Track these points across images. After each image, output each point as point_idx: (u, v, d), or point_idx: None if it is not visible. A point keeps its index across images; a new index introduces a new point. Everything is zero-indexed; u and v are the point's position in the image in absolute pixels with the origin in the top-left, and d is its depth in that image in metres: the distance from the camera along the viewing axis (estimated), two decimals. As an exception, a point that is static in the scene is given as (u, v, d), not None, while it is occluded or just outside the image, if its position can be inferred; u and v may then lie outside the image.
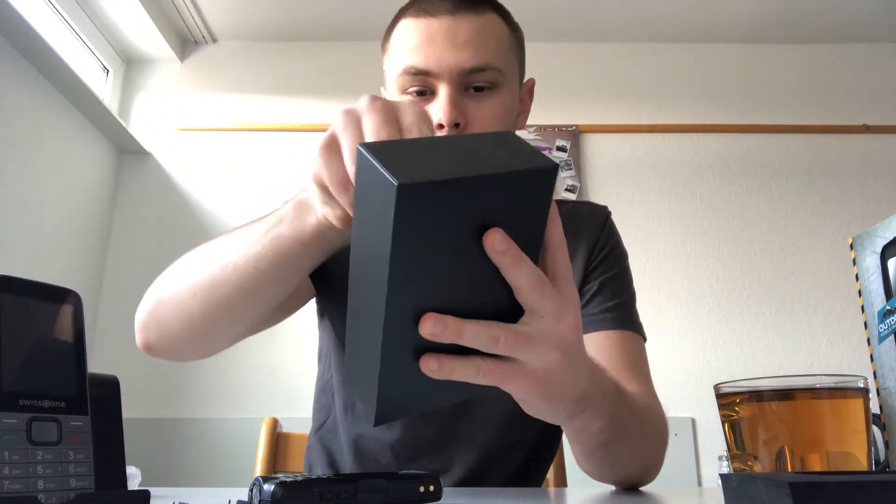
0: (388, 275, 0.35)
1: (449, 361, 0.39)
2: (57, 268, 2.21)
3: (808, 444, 0.50)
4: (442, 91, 0.76)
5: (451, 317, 0.38)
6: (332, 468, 0.88)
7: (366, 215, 0.38)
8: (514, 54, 0.83)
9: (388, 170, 0.33)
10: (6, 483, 0.34)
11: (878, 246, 0.56)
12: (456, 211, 0.35)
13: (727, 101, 2.70)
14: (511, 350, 0.40)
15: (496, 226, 0.37)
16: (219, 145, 2.61)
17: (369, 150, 0.36)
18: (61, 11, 2.28)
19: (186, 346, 0.70)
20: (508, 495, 0.67)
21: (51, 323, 0.38)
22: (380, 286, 0.36)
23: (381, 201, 0.34)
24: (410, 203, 0.33)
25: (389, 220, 0.34)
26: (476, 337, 0.39)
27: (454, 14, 0.77)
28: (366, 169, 0.36)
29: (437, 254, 0.36)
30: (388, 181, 0.33)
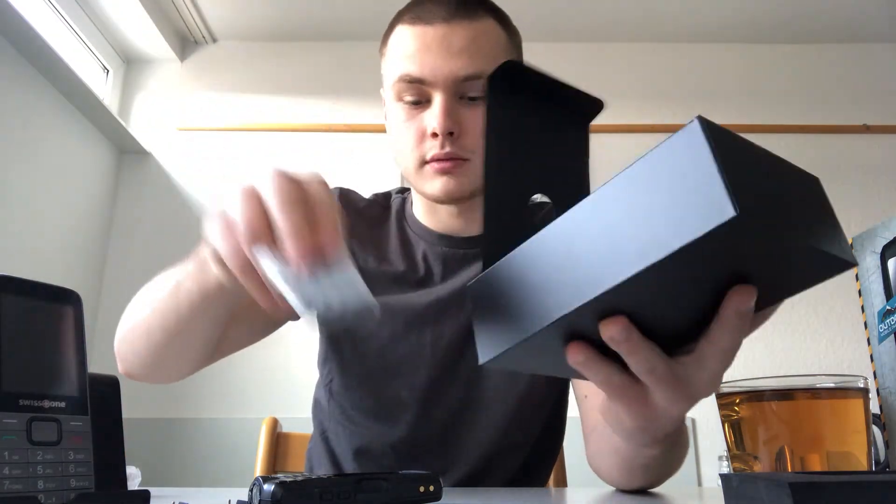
0: (634, 273, 0.31)
1: (594, 361, 0.38)
2: (57, 268, 2.21)
3: (808, 444, 0.50)
4: (437, 99, 0.77)
5: (636, 331, 0.35)
6: (334, 468, 0.88)
7: (648, 189, 0.32)
8: (512, 58, 0.83)
9: (730, 186, 0.28)
10: (6, 483, 0.34)
11: (878, 246, 0.56)
12: (740, 252, 0.31)
13: (727, 101, 2.70)
14: (655, 384, 0.38)
15: (756, 279, 0.33)
16: (219, 145, 2.61)
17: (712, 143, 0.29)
18: (61, 11, 2.28)
19: (155, 375, 0.75)
20: (508, 495, 0.67)
21: (51, 323, 0.38)
22: (610, 274, 0.32)
23: (691, 202, 0.29)
24: (728, 231, 0.28)
25: (691, 232, 0.29)
26: (641, 360, 0.37)
27: (449, 21, 0.77)
28: (690, 150, 0.30)
29: (687, 274, 0.32)
30: (723, 199, 0.28)
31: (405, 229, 0.91)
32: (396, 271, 0.86)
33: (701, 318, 0.36)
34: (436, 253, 0.87)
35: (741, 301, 0.34)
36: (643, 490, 0.73)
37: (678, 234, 0.29)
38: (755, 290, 0.34)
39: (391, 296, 0.84)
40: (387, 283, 0.85)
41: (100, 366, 0.52)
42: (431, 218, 0.89)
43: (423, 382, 0.82)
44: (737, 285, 0.34)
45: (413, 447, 0.83)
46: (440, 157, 0.78)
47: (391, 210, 0.93)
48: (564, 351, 0.38)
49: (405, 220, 0.92)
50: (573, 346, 0.38)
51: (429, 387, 0.82)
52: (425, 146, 0.79)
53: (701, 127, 0.30)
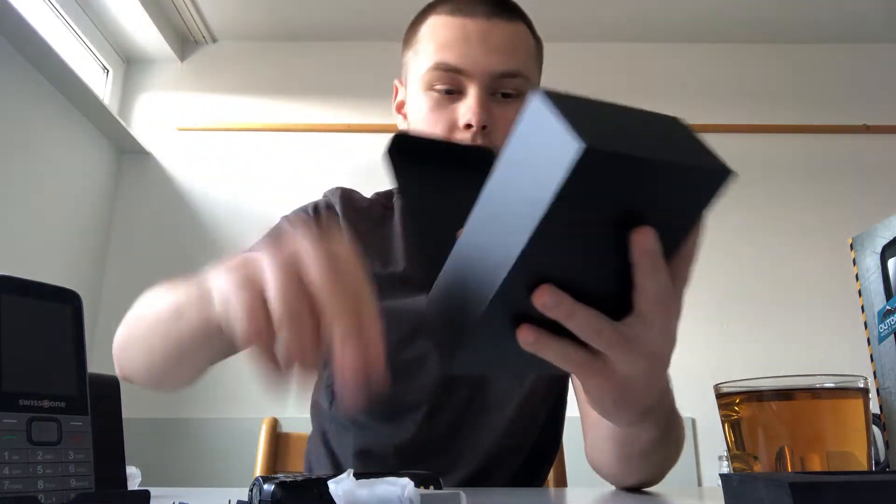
0: (532, 232, 0.33)
1: (545, 338, 0.38)
2: (57, 268, 2.21)
3: (808, 444, 0.50)
4: (472, 91, 0.77)
5: (567, 295, 0.36)
6: (334, 468, 0.88)
7: (520, 162, 0.35)
8: (537, 66, 0.85)
9: (573, 127, 0.31)
10: (6, 483, 0.34)
11: (878, 246, 0.56)
12: (621, 188, 0.33)
13: (727, 101, 2.70)
14: (608, 348, 0.39)
15: (648, 215, 0.35)
16: (219, 145, 2.61)
17: (550, 99, 0.33)
18: (61, 11, 2.28)
19: (153, 384, 0.73)
20: (509, 495, 0.67)
21: (51, 323, 0.38)
22: (515, 240, 0.34)
23: (550, 156, 0.32)
24: (585, 168, 0.31)
25: (557, 178, 0.31)
26: (582, 324, 0.38)
27: (490, 18, 0.78)
28: (538, 117, 0.33)
29: (582, 226, 0.35)
30: (568, 139, 0.31)
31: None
32: (402, 273, 0.86)
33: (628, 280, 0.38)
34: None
35: (641, 240, 0.35)
36: (643, 489, 0.73)
37: (548, 185, 0.32)
38: (650, 228, 0.35)
39: (397, 300, 0.84)
40: (393, 286, 0.85)
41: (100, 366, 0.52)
42: None
43: (429, 386, 0.82)
44: (634, 229, 0.36)
45: (416, 449, 0.83)
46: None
47: (394, 209, 0.93)
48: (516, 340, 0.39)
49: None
50: (522, 329, 0.38)
51: (435, 390, 0.82)
52: (454, 137, 0.78)
53: (542, 92, 0.34)
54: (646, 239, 0.35)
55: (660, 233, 0.36)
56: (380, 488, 0.34)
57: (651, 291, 0.38)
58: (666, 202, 0.36)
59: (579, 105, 0.34)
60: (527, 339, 0.38)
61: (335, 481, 0.34)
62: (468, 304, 0.38)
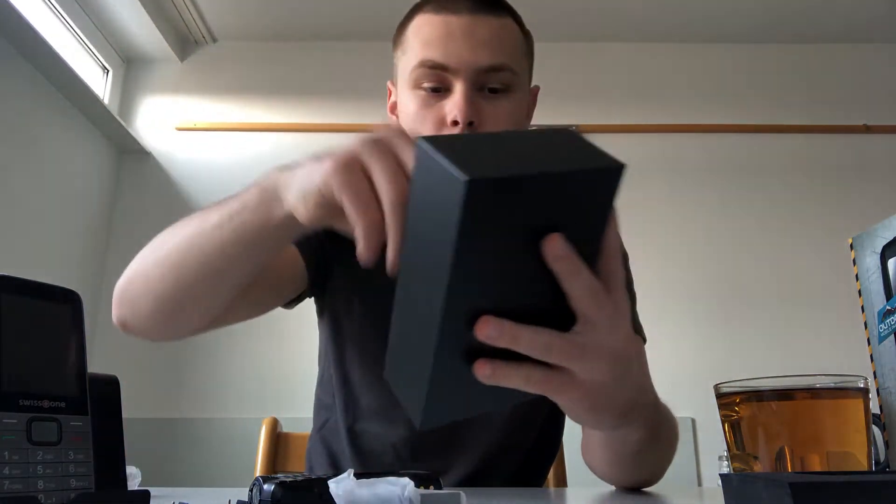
0: (449, 274, 0.34)
1: (502, 367, 0.38)
2: (57, 268, 2.21)
3: (808, 444, 0.50)
4: (458, 88, 0.76)
5: (508, 321, 0.37)
6: (334, 468, 0.88)
7: (423, 212, 0.36)
8: (526, 60, 0.84)
9: (455, 164, 0.32)
10: (6, 483, 0.34)
11: (878, 246, 0.56)
12: (520, 209, 0.34)
13: (727, 101, 2.70)
14: (563, 360, 0.39)
15: (557, 227, 0.36)
16: (219, 145, 2.61)
17: (431, 143, 0.34)
18: (61, 11, 2.28)
19: (156, 327, 0.70)
20: (509, 495, 0.67)
21: (51, 323, 0.38)
22: (438, 286, 0.35)
23: (444, 198, 0.33)
24: (477, 200, 0.32)
25: (454, 217, 0.32)
26: (530, 344, 0.38)
27: (474, 14, 0.78)
28: (426, 164, 0.35)
29: (497, 253, 0.35)
30: (453, 177, 0.32)
31: None
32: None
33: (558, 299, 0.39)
34: None
35: (551, 249, 0.36)
36: (642, 488, 0.73)
37: (449, 225, 0.33)
38: (556, 235, 0.36)
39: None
40: (390, 283, 0.85)
41: (100, 366, 0.52)
42: None
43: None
44: (544, 238, 0.36)
45: (414, 447, 0.83)
46: None
47: None
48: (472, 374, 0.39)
49: None
50: (477, 364, 0.38)
51: None
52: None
53: (424, 139, 0.35)
54: (554, 246, 0.36)
55: (574, 238, 0.36)
56: (380, 488, 0.34)
57: (579, 292, 0.38)
58: (569, 210, 0.36)
59: (463, 143, 0.35)
60: (484, 374, 0.38)
61: (335, 481, 0.35)
62: (418, 360, 0.39)
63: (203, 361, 2.33)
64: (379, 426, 0.84)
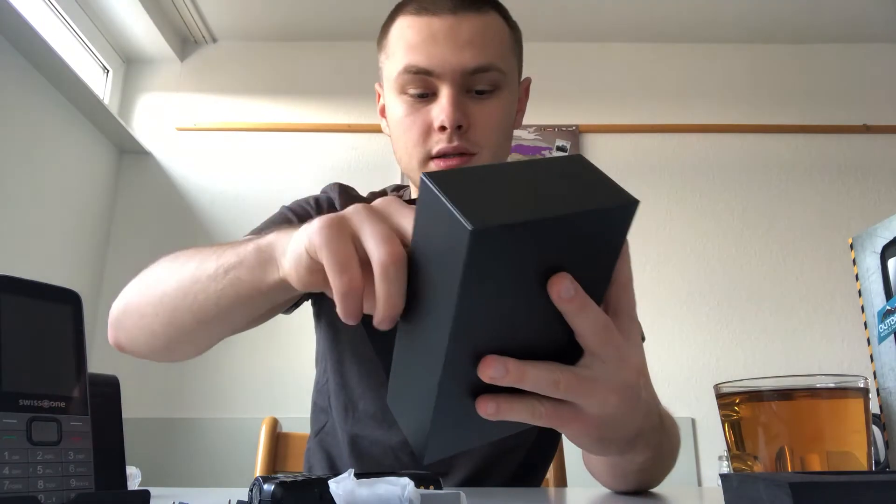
0: (454, 316, 0.33)
1: (507, 403, 0.38)
2: (57, 268, 2.21)
3: (808, 444, 0.50)
4: (444, 92, 0.75)
5: (513, 360, 0.36)
6: (333, 471, 0.87)
7: (427, 249, 0.36)
8: (514, 55, 0.82)
9: (460, 210, 0.31)
10: (6, 483, 0.34)
11: (878, 246, 0.56)
12: (527, 251, 0.33)
13: (727, 101, 2.70)
14: (571, 395, 0.38)
15: (564, 265, 0.35)
16: (219, 145, 2.61)
17: (436, 183, 0.33)
18: (61, 11, 2.28)
19: (152, 354, 0.70)
20: (509, 495, 0.67)
21: (51, 323, 0.38)
22: (442, 326, 0.34)
23: (450, 241, 0.32)
24: (483, 247, 0.31)
25: (459, 262, 0.31)
26: (537, 381, 0.37)
27: (456, 13, 0.75)
28: (431, 203, 0.33)
29: (502, 293, 0.34)
30: (459, 223, 0.31)
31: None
32: None
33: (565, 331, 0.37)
34: None
35: (557, 289, 0.35)
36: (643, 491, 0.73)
37: (453, 268, 0.32)
38: (563, 274, 0.35)
39: None
40: None
41: (100, 366, 0.52)
42: None
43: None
44: (550, 278, 0.35)
45: (412, 452, 0.83)
46: (448, 150, 0.76)
47: None
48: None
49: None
50: (481, 402, 0.38)
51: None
52: (431, 141, 0.77)
53: (428, 176, 0.33)
54: (560, 287, 0.35)
55: (584, 273, 0.35)
56: (380, 488, 0.34)
57: (586, 329, 0.37)
58: (578, 247, 0.35)
59: (469, 180, 0.34)
60: (488, 411, 0.37)
61: (336, 481, 0.35)
62: (421, 396, 0.38)
63: (203, 361, 2.33)
64: (378, 431, 0.83)
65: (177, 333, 0.65)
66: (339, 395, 0.87)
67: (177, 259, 0.65)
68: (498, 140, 0.79)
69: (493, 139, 0.78)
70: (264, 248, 0.53)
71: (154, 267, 0.68)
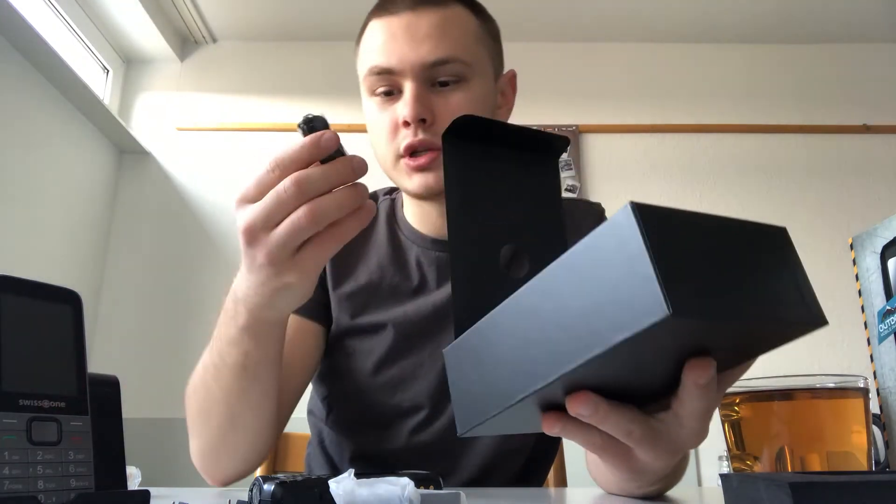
0: (582, 362, 0.31)
1: (570, 426, 0.38)
2: (57, 268, 2.21)
3: (808, 444, 0.50)
4: (407, 88, 0.75)
5: (603, 401, 0.35)
6: (334, 473, 0.87)
7: (588, 275, 0.32)
8: (483, 46, 0.80)
9: (665, 284, 0.28)
10: (6, 483, 0.34)
11: (878, 246, 0.56)
12: (694, 334, 0.31)
13: (727, 101, 2.70)
14: (636, 444, 0.39)
15: (713, 349, 0.33)
16: (219, 145, 2.61)
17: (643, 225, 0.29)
18: (61, 11, 2.28)
19: (246, 469, 0.73)
20: (509, 495, 0.67)
21: (51, 323, 0.38)
22: (559, 361, 0.32)
23: (627, 294, 0.29)
24: (665, 327, 0.28)
25: (628, 328, 0.29)
26: (615, 427, 0.37)
27: (415, 9, 0.76)
28: (623, 238, 0.30)
29: (640, 356, 0.32)
30: (656, 297, 0.28)
31: (396, 234, 0.87)
32: (390, 282, 0.84)
33: (671, 376, 0.36)
34: (429, 258, 0.84)
35: (699, 375, 0.34)
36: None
37: (617, 327, 0.29)
38: (712, 362, 0.34)
39: (387, 310, 0.82)
40: (381, 297, 0.83)
41: (100, 366, 0.52)
42: (421, 221, 0.86)
43: (423, 395, 0.81)
44: (693, 358, 0.34)
45: (413, 456, 0.82)
46: (415, 145, 0.75)
47: (380, 213, 0.90)
48: (540, 417, 0.39)
49: (396, 223, 0.88)
50: (547, 420, 0.38)
51: (430, 399, 0.81)
52: (399, 138, 0.76)
53: (634, 214, 0.29)
54: (703, 375, 0.34)
55: (726, 355, 0.34)
56: (380, 488, 0.34)
57: (696, 408, 0.37)
58: (740, 339, 0.34)
59: (672, 231, 0.30)
60: (552, 429, 0.38)
61: (335, 481, 0.35)
62: (493, 392, 0.37)
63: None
64: (379, 437, 0.83)
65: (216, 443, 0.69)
66: (340, 405, 0.86)
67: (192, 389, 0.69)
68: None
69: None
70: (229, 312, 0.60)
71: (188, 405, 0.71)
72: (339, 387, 0.86)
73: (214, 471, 0.72)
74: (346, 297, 0.83)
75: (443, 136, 0.44)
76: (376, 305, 0.83)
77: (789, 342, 0.35)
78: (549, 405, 0.38)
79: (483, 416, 0.38)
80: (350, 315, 0.83)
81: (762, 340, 0.35)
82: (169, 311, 2.37)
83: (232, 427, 0.67)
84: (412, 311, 0.82)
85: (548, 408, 0.38)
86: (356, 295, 0.83)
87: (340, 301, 0.84)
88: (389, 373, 0.82)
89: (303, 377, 0.81)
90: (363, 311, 0.83)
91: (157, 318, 2.37)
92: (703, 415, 0.38)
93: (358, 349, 0.83)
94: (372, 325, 0.82)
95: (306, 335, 0.81)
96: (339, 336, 0.84)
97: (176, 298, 2.38)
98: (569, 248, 0.33)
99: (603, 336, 0.30)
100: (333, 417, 0.87)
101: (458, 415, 0.40)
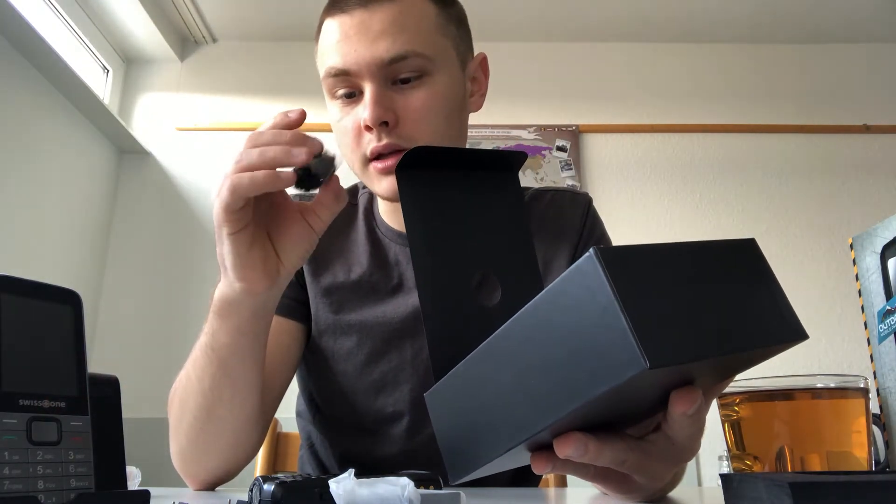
0: (570, 411, 0.31)
1: (562, 465, 0.38)
2: (57, 268, 2.21)
3: (808, 444, 0.50)
4: (366, 89, 0.72)
5: (592, 440, 0.35)
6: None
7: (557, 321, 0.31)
8: (444, 35, 0.76)
9: (638, 335, 0.28)
10: (6, 483, 0.34)
11: (878, 246, 0.56)
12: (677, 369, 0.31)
13: (727, 101, 2.70)
14: (631, 470, 0.39)
15: (696, 377, 0.33)
16: (219, 145, 2.61)
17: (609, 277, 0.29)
18: (61, 11, 2.28)
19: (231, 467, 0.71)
20: (508, 495, 0.67)
21: (51, 323, 0.38)
22: (541, 413, 0.32)
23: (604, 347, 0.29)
24: (643, 375, 0.28)
25: (606, 381, 0.29)
26: (608, 461, 0.37)
27: (367, 6, 0.72)
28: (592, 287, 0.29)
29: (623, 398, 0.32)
30: (632, 351, 0.28)
31: (374, 230, 0.85)
32: (369, 280, 0.82)
33: (658, 400, 0.36)
34: (407, 256, 0.81)
35: (685, 406, 0.34)
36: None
37: (596, 380, 0.30)
38: (697, 392, 0.34)
39: (366, 310, 0.80)
40: (360, 295, 0.81)
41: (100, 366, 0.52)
42: (395, 217, 0.83)
43: (407, 398, 0.79)
44: (679, 390, 0.34)
45: (403, 459, 0.80)
46: (380, 149, 0.72)
47: (358, 208, 0.87)
48: (529, 456, 0.39)
49: (373, 219, 0.86)
50: (538, 461, 0.38)
51: (414, 401, 0.79)
52: (364, 142, 0.73)
53: (599, 262, 0.29)
54: (689, 406, 0.34)
55: (710, 379, 0.35)
56: (380, 488, 0.34)
57: (685, 432, 0.38)
58: (724, 364, 0.34)
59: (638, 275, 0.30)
60: (544, 470, 0.38)
61: (336, 481, 0.35)
62: (480, 441, 0.37)
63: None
64: (366, 441, 0.82)
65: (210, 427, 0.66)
66: (325, 408, 0.85)
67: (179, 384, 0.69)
68: (436, 128, 0.74)
69: (427, 130, 0.73)
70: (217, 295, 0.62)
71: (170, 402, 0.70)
72: (323, 388, 0.85)
73: (196, 470, 0.69)
74: (324, 293, 0.82)
75: (395, 170, 0.45)
76: (356, 303, 0.81)
77: (772, 357, 0.36)
78: (538, 446, 0.37)
79: (474, 465, 0.38)
80: (329, 312, 0.81)
81: (745, 362, 0.36)
82: (169, 311, 2.37)
83: (209, 418, 0.65)
84: (391, 311, 0.80)
85: (536, 448, 0.38)
86: (334, 291, 0.82)
87: (318, 295, 0.82)
88: (371, 376, 0.80)
89: (284, 376, 0.80)
90: (342, 309, 0.81)
91: (157, 318, 2.37)
92: (694, 435, 0.39)
93: (338, 349, 0.81)
94: (351, 325, 0.81)
95: (283, 334, 0.79)
96: (319, 334, 0.82)
97: (176, 298, 2.38)
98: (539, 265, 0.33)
99: (583, 389, 0.30)
100: (320, 419, 0.86)
101: (448, 464, 0.40)
